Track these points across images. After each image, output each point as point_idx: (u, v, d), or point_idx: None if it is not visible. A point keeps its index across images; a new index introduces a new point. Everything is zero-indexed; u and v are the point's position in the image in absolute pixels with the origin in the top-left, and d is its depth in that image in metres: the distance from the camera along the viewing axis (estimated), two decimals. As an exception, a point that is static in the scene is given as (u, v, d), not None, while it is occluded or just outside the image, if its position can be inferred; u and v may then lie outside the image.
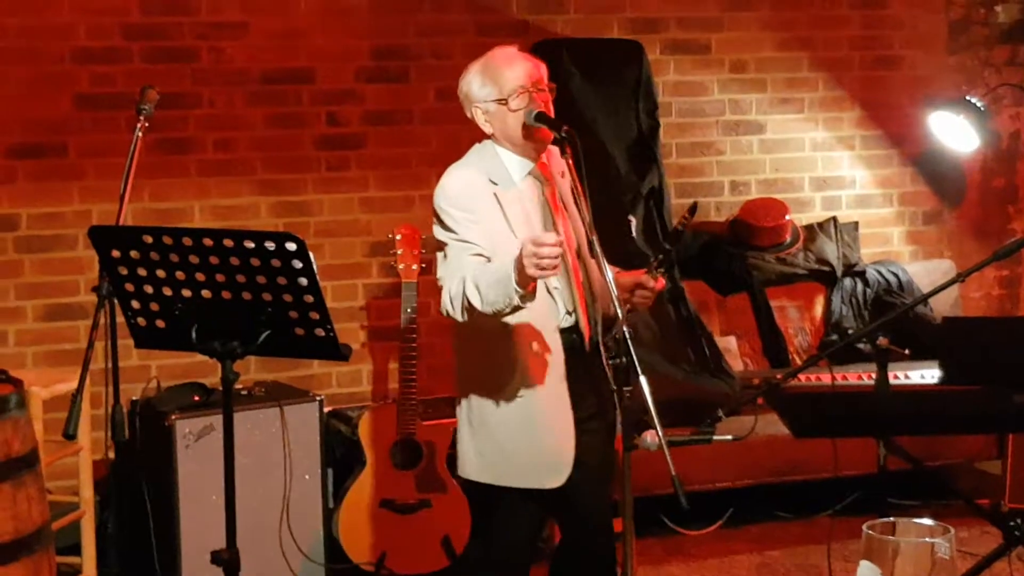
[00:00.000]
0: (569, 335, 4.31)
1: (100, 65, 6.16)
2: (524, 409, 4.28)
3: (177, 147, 6.19)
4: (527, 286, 3.89)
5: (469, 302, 4.04)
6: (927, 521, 4.01)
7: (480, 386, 4.34)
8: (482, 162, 4.31)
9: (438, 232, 4.26)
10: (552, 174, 4.36)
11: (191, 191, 6.32)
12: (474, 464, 4.36)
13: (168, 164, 6.12)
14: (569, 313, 4.33)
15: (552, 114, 4.22)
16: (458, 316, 4.12)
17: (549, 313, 4.28)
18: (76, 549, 5.55)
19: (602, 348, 4.32)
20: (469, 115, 4.32)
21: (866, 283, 7.04)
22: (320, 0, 6.44)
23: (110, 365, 4.22)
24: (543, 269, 3.79)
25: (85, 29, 6.12)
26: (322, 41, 6.46)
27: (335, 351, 3.77)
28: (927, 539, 3.93)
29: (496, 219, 4.21)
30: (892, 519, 3.97)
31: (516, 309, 4.01)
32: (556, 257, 3.80)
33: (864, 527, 3.89)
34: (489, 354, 4.32)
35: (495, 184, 4.25)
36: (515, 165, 4.29)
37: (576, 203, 4.18)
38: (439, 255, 4.28)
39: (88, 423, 5.48)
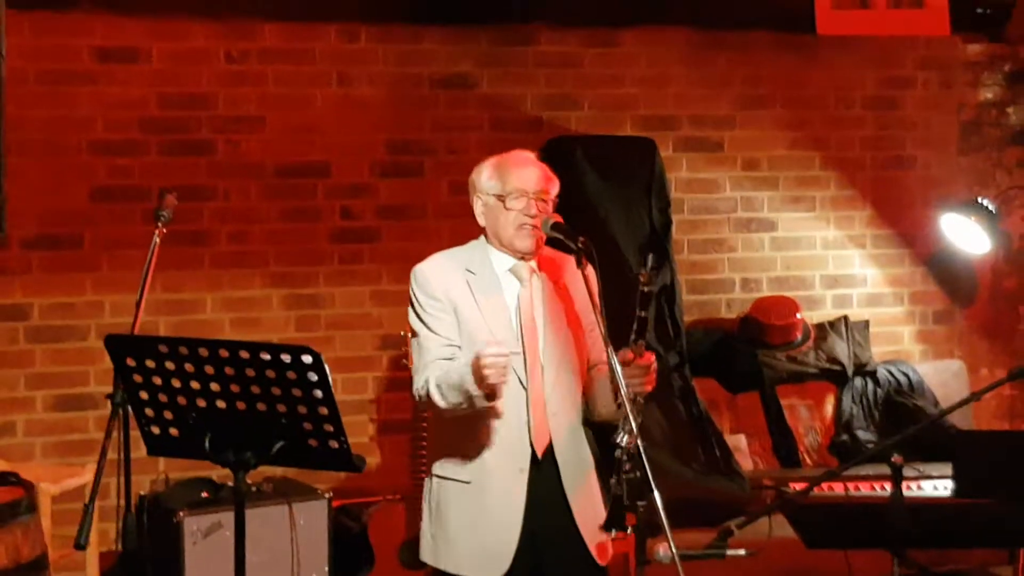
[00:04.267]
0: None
1: (117, 157, 6.17)
2: (474, 497, 4.27)
3: (191, 239, 6.18)
4: (485, 390, 3.95)
5: (434, 402, 4.12)
6: None
7: (442, 469, 4.34)
8: (467, 252, 4.36)
9: (411, 317, 4.29)
10: (542, 276, 4.36)
11: (204, 283, 6.32)
12: (427, 547, 4.39)
13: (182, 256, 6.10)
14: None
15: (556, 216, 4.24)
16: (427, 407, 4.22)
17: (521, 407, 4.27)
18: (82, 645, 5.53)
19: (563, 459, 4.29)
20: (471, 203, 4.35)
21: (877, 383, 7.01)
22: (336, 95, 6.47)
23: (122, 478, 4.16)
24: (494, 378, 3.88)
25: (103, 122, 6.15)
26: (338, 135, 6.48)
27: (349, 463, 3.73)
28: None
29: (468, 305, 4.23)
30: None
31: (466, 406, 4.07)
32: (503, 366, 3.89)
33: None
34: (455, 439, 4.31)
35: (472, 273, 4.27)
36: (498, 259, 4.30)
37: (593, 313, 4.14)
38: (412, 340, 4.31)
39: (96, 514, 5.43)
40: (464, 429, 4.25)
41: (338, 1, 6.39)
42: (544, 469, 4.30)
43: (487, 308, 4.25)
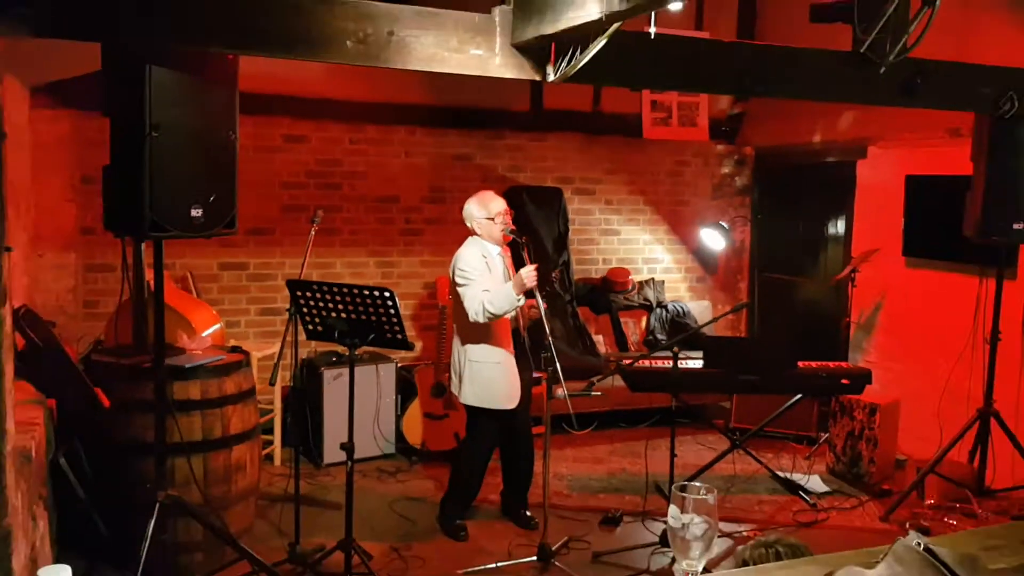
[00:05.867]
0: (517, 332, 4.36)
1: (293, 190, 6.13)
2: (502, 367, 4.35)
3: (330, 232, 6.16)
4: (520, 293, 4.07)
5: (488, 312, 4.14)
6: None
7: (478, 357, 4.37)
8: (477, 246, 4.37)
9: (461, 280, 4.29)
10: (507, 255, 4.45)
11: (335, 254, 6.29)
12: (470, 396, 4.40)
13: (324, 240, 6.08)
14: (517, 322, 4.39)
15: (513, 226, 4.35)
16: (481, 320, 4.20)
17: (511, 319, 4.34)
18: (270, 431, 5.54)
19: (524, 338, 4.40)
20: (468, 225, 4.40)
21: (667, 311, 7.07)
22: (404, 162, 6.44)
23: (295, 353, 4.15)
24: (530, 282, 4.02)
25: (286, 173, 6.11)
26: (404, 182, 6.45)
27: (406, 346, 3.77)
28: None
29: (486, 272, 4.26)
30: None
31: (514, 308, 4.14)
32: (534, 279, 4.04)
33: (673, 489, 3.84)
34: (483, 339, 4.35)
35: (485, 257, 4.30)
36: (492, 248, 4.34)
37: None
38: (461, 292, 4.29)
39: (280, 369, 5.46)
40: (491, 337, 4.32)
41: (406, 115, 6.35)
42: (521, 347, 4.42)
43: (495, 271, 4.30)
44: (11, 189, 2.46)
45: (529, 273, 4.04)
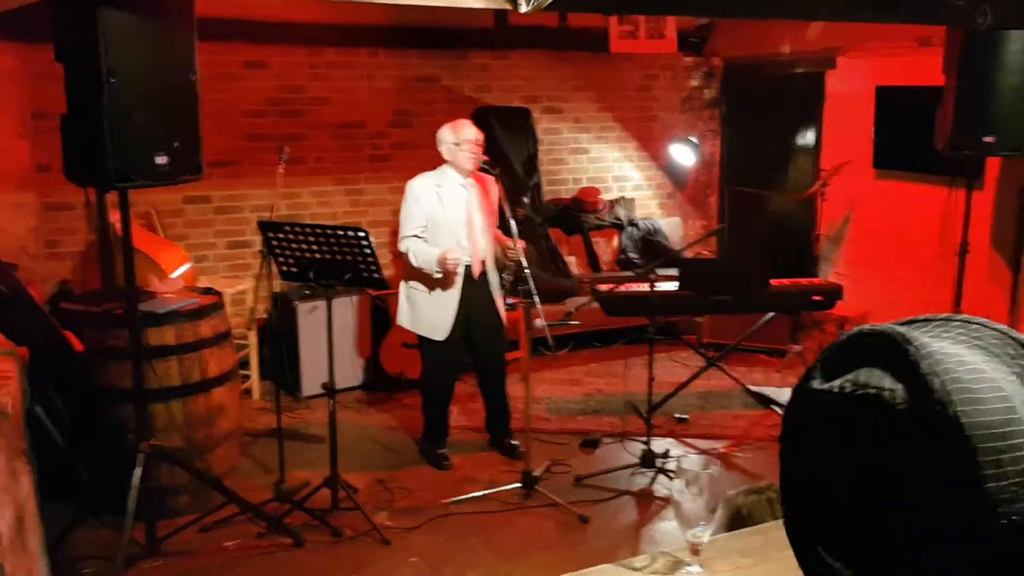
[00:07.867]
0: (467, 269, 4.32)
1: (254, 119, 5.95)
2: (431, 297, 4.34)
3: (296, 162, 5.90)
4: (440, 269, 4.13)
5: (410, 259, 4.21)
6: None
7: (415, 287, 4.37)
8: (437, 174, 4.34)
9: (403, 207, 4.31)
10: (476, 185, 4.37)
11: (301, 183, 6.15)
12: (407, 320, 4.44)
13: (291, 171, 5.83)
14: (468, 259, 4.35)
15: (486, 157, 4.28)
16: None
17: (464, 255, 4.29)
18: (247, 366, 5.51)
19: (489, 277, 4.37)
20: (439, 149, 4.31)
21: (638, 229, 7.06)
22: (368, 86, 6.27)
23: (269, 287, 4.10)
24: (451, 268, 4.10)
25: (247, 101, 5.91)
26: (368, 107, 6.29)
27: (382, 284, 3.76)
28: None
29: (435, 204, 4.26)
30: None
31: (432, 272, 4.20)
32: (455, 263, 4.07)
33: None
34: (422, 272, 4.30)
35: (439, 186, 4.27)
36: (456, 178, 4.29)
37: (501, 207, 4.15)
38: (402, 218, 4.29)
39: (254, 302, 5.40)
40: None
41: (368, 36, 6.14)
42: (479, 284, 4.35)
43: (448, 204, 4.25)
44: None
45: (453, 259, 4.04)
